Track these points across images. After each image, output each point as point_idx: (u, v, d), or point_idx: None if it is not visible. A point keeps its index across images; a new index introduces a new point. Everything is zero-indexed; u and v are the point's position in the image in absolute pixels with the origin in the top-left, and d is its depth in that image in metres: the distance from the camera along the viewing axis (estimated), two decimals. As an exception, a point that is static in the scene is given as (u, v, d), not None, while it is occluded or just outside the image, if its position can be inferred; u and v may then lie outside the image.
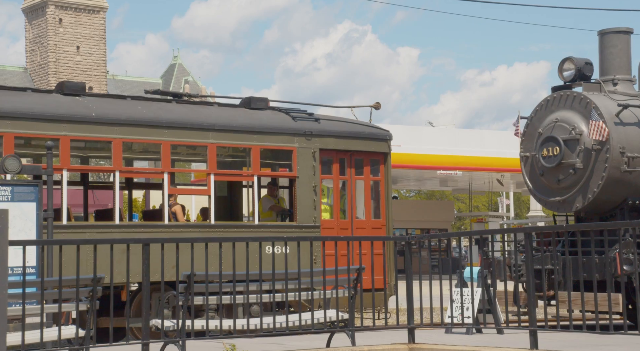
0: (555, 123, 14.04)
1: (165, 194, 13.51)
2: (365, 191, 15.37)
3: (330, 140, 14.85)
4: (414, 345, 9.86)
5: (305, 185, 14.53)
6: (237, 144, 14.40)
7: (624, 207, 13.77)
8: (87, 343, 8.29)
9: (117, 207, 13.29)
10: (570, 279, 9.77)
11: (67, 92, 13.45)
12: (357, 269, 9.80)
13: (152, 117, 13.56)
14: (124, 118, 13.30)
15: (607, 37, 14.57)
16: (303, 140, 14.55)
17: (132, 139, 13.50)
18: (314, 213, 14.53)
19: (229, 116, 14.42)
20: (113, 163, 13.21)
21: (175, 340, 8.75)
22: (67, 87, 13.54)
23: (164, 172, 13.60)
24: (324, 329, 9.81)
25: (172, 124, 13.60)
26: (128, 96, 14.30)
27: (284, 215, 15.27)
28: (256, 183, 14.57)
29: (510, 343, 9.65)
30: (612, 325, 8.49)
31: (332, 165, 15.02)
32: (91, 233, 12.79)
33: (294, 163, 14.53)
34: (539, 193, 14.48)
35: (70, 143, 12.79)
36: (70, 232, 12.66)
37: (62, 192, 12.76)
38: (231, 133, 14.12)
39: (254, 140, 14.27)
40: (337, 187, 15.23)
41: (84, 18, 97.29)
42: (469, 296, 10.51)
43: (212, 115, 14.25)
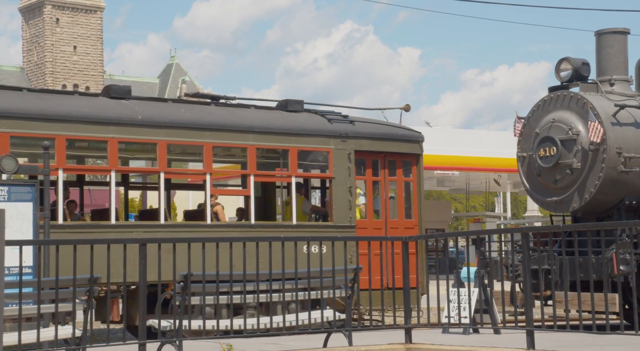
0: (552, 124, 14.06)
1: (207, 194, 13.78)
2: (397, 192, 15.77)
3: (364, 142, 15.20)
4: (411, 345, 9.86)
5: (341, 186, 14.87)
6: (276, 146, 14.73)
7: (621, 207, 13.79)
8: (83, 343, 8.29)
9: (163, 207, 13.59)
10: (567, 279, 9.78)
11: (114, 95, 13.80)
12: (354, 269, 9.80)
13: (194, 120, 13.87)
14: (168, 120, 13.63)
15: (604, 38, 14.59)
16: (339, 141, 14.93)
17: (176, 141, 13.79)
18: (349, 213, 14.87)
19: (267, 118, 14.74)
20: (158, 165, 13.57)
21: (172, 340, 8.74)
22: (113, 90, 13.88)
23: (206, 173, 13.90)
24: (321, 329, 9.81)
25: (213, 126, 13.92)
26: (169, 99, 14.67)
27: (319, 215, 15.66)
28: (294, 184, 14.89)
29: (507, 343, 9.65)
30: (608, 325, 8.50)
31: (366, 166, 15.38)
32: (138, 232, 13.10)
33: (330, 165, 14.90)
34: (536, 193, 14.49)
35: (117, 146, 13.11)
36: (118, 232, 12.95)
37: (111, 192, 13.19)
38: (270, 135, 14.47)
39: (291, 142, 14.61)
40: (370, 188, 15.57)
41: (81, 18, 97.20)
42: (466, 296, 10.52)
43: (251, 117, 14.58)
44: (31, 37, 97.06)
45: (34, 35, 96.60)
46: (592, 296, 8.70)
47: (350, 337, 9.63)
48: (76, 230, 12.71)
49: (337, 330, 9.79)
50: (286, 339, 10.31)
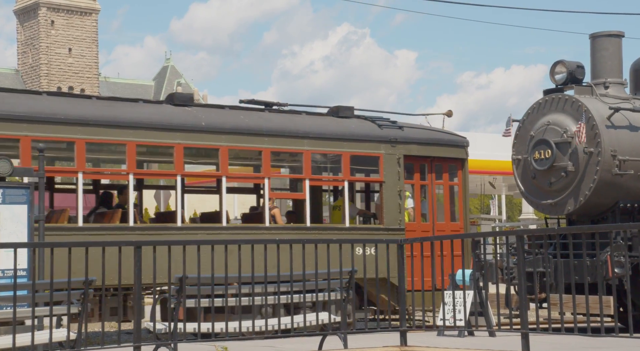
0: (547, 126, 14.08)
1: (265, 198, 14.36)
2: (444, 195, 16.22)
3: (413, 147, 15.66)
4: (406, 348, 9.86)
5: (391, 190, 15.33)
6: (330, 151, 15.26)
7: (615, 209, 13.81)
8: (78, 346, 8.27)
9: (224, 210, 14.15)
10: (561, 282, 9.81)
11: (177, 102, 14.35)
12: (350, 271, 9.80)
13: (254, 126, 14.43)
14: (229, 127, 14.15)
15: (598, 41, 14.62)
16: (388, 146, 15.40)
17: (237, 146, 14.30)
18: (399, 216, 15.32)
19: (321, 124, 15.31)
20: (220, 170, 14.08)
21: (167, 342, 8.73)
22: (177, 98, 14.46)
23: (264, 177, 14.45)
24: (316, 332, 9.81)
25: (271, 132, 14.48)
26: (226, 105, 15.22)
27: (366, 218, 16.25)
28: (347, 188, 15.33)
29: (502, 345, 9.66)
30: (603, 328, 8.51)
31: (414, 170, 15.85)
32: (202, 234, 13.62)
33: (381, 169, 15.35)
34: (530, 195, 14.51)
35: (183, 151, 13.66)
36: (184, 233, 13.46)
37: (177, 195, 13.83)
38: (324, 141, 15.01)
39: (344, 147, 15.11)
40: (418, 192, 16.06)
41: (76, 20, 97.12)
42: (461, 298, 10.52)
43: (307, 123, 15.16)
44: (26, 39, 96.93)
45: (29, 38, 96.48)
46: (587, 298, 8.71)
47: (345, 340, 9.63)
48: (146, 233, 13.25)
49: (332, 333, 9.78)
50: (282, 341, 10.30)
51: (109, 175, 16.32)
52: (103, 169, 16.05)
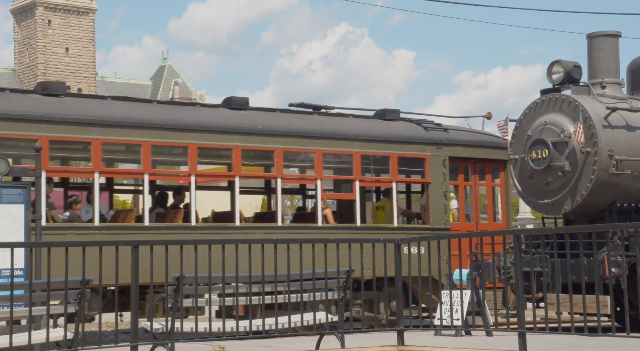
0: (544, 126, 14.09)
1: (318, 199, 15.02)
2: (487, 196, 16.81)
3: (457, 149, 16.26)
4: (403, 347, 9.86)
5: (437, 191, 15.90)
6: (379, 153, 15.86)
7: (612, 209, 13.82)
8: (75, 346, 8.25)
9: (280, 210, 14.78)
10: (558, 281, 9.82)
11: (234, 106, 14.96)
12: (347, 271, 9.79)
13: (307, 129, 15.06)
14: (284, 130, 14.81)
15: (595, 41, 14.62)
16: (434, 148, 16.02)
17: (291, 149, 14.93)
18: (445, 216, 15.88)
19: (370, 127, 15.89)
20: (276, 171, 14.71)
21: (164, 342, 8.72)
22: (234, 102, 15.05)
23: (317, 178, 15.07)
24: (313, 331, 9.81)
25: (323, 135, 15.13)
26: (277, 109, 15.82)
27: (410, 218, 16.79)
28: (394, 189, 15.89)
29: (499, 345, 9.66)
30: (600, 327, 8.51)
31: (458, 171, 16.39)
32: (259, 233, 14.15)
33: (427, 170, 15.93)
34: (527, 195, 14.51)
35: (241, 153, 14.27)
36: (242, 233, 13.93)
37: (235, 196, 14.36)
38: (373, 143, 15.62)
39: (392, 149, 15.73)
40: (462, 192, 16.55)
41: (73, 19, 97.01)
42: (458, 298, 10.52)
43: (356, 126, 15.74)
44: (23, 39, 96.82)
45: (26, 37, 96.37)
46: (584, 298, 8.72)
47: (342, 339, 9.63)
48: (207, 231, 13.77)
49: (329, 332, 9.78)
50: (279, 341, 10.30)
51: (173, 177, 16.91)
52: (166, 171, 16.67)
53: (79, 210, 14.07)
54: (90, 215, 13.56)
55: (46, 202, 12.82)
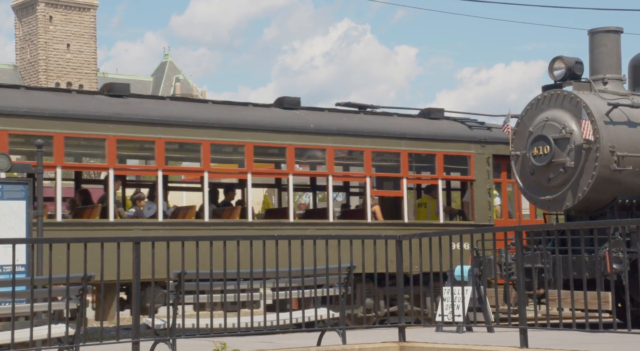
0: (545, 122, 14.07)
1: (367, 196, 15.62)
2: None
3: (500, 147, 16.63)
4: (405, 344, 9.87)
5: (481, 188, 16.46)
6: (425, 151, 16.34)
7: (614, 205, 13.82)
8: (77, 342, 8.26)
9: (331, 207, 15.37)
10: (560, 277, 9.79)
11: (286, 106, 15.56)
12: (348, 267, 9.79)
13: (356, 128, 15.68)
14: (335, 129, 15.44)
15: (597, 37, 14.60)
16: (478, 146, 16.58)
17: (341, 147, 15.56)
18: (489, 213, 16.44)
19: (416, 126, 16.47)
20: (327, 169, 15.34)
21: (166, 338, 8.73)
22: (286, 101, 15.67)
23: (366, 176, 15.69)
24: (315, 328, 9.81)
25: (372, 133, 15.71)
26: (325, 108, 16.39)
27: (452, 215, 17.35)
28: (440, 186, 16.40)
29: (500, 341, 9.67)
30: (601, 323, 8.51)
31: (501, 169, 16.89)
32: (312, 229, 14.59)
33: (471, 168, 16.48)
34: (529, 191, 14.51)
35: (295, 152, 14.94)
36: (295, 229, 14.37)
37: (289, 193, 15.01)
38: (419, 141, 16.15)
39: (438, 147, 16.24)
40: (505, 190, 17.07)
41: (75, 16, 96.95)
42: (460, 294, 10.53)
43: (403, 125, 16.31)
44: (24, 35, 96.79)
45: (27, 33, 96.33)
46: (585, 294, 8.72)
47: (344, 336, 9.63)
48: (263, 228, 14.39)
49: (330, 329, 9.79)
50: (280, 337, 10.31)
51: (231, 174, 17.46)
52: (224, 168, 17.25)
53: (143, 206, 14.67)
54: (152, 211, 14.20)
55: (114, 199, 13.59)
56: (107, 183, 13.68)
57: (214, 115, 14.43)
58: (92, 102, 13.92)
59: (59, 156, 13.13)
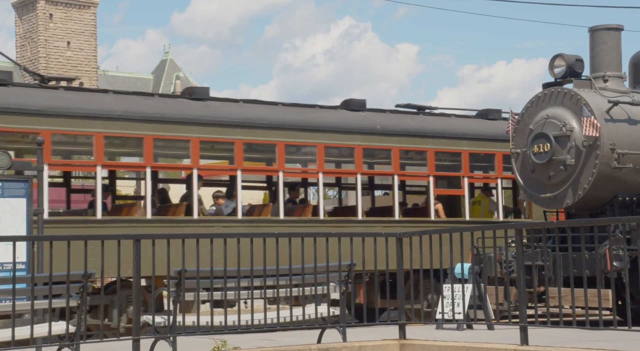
0: (546, 120, 14.07)
1: (430, 194, 16.27)
2: None
3: None
4: (405, 341, 9.87)
5: None
6: (485, 151, 17.04)
7: (614, 203, 13.81)
8: (77, 339, 8.27)
9: (397, 206, 16.02)
10: (560, 275, 9.81)
11: (353, 107, 16.22)
12: (348, 265, 9.79)
13: (419, 129, 16.31)
14: (400, 129, 16.09)
15: (597, 34, 14.59)
16: None
17: (407, 147, 16.27)
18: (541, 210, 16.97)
19: (476, 126, 17.13)
20: (393, 169, 16.02)
21: (166, 336, 8.73)
22: (352, 103, 16.29)
23: (429, 175, 16.37)
24: (315, 325, 9.82)
25: (435, 134, 16.40)
26: (387, 110, 16.89)
27: (507, 212, 17.83)
28: (499, 185, 17.01)
29: (500, 339, 9.67)
30: (602, 321, 8.52)
31: None
32: (379, 227, 15.10)
33: None
34: (529, 189, 14.51)
35: (362, 152, 15.62)
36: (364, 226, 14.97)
37: (357, 192, 15.66)
38: (479, 141, 16.85)
39: (496, 147, 16.80)
40: None
41: (75, 13, 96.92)
42: (460, 292, 10.54)
43: (463, 125, 17.00)
44: (24, 33, 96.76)
45: (28, 31, 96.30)
46: (586, 292, 8.72)
47: (344, 333, 9.63)
48: (334, 225, 14.92)
49: (331, 326, 9.79)
50: (280, 335, 10.32)
51: (304, 174, 18.21)
52: (297, 168, 17.90)
53: (222, 204, 15.32)
54: (230, 209, 14.94)
55: (197, 196, 14.24)
56: (191, 183, 14.41)
57: (287, 117, 15.17)
58: (177, 105, 14.69)
59: (148, 157, 14.02)
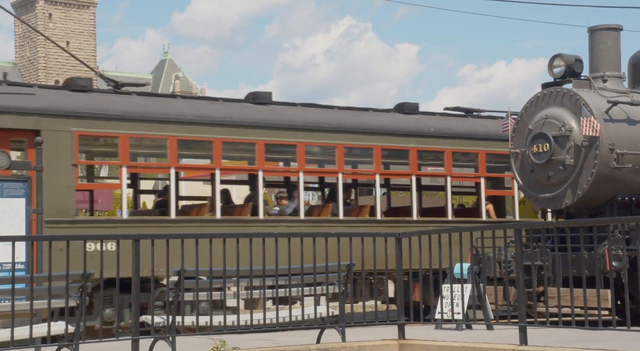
0: (545, 120, 14.07)
1: (482, 195, 16.89)
2: None
3: None
4: (404, 341, 9.88)
5: None
6: None
7: (613, 203, 13.82)
8: (76, 339, 8.27)
9: (450, 205, 16.62)
10: (559, 275, 9.81)
11: (407, 111, 16.81)
12: (347, 265, 9.79)
13: (470, 131, 16.93)
14: (453, 132, 16.72)
15: (596, 34, 14.59)
16: None
17: (459, 150, 16.83)
18: None
19: None
20: (446, 170, 16.59)
21: (165, 336, 8.73)
22: (406, 107, 16.87)
23: (481, 176, 17.00)
24: (314, 325, 9.82)
25: (486, 136, 16.97)
26: (437, 112, 17.56)
27: None
28: None
29: (499, 339, 9.67)
30: (600, 321, 8.52)
31: None
32: (432, 226, 15.34)
33: None
34: (528, 189, 14.51)
35: (416, 154, 16.13)
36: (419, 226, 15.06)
37: (412, 193, 16.14)
38: None
39: None
40: None
41: (74, 13, 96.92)
42: (459, 292, 10.54)
43: None
44: (24, 33, 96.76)
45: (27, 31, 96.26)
46: (585, 292, 8.72)
47: (343, 333, 9.64)
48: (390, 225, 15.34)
49: (330, 326, 9.79)
50: (280, 335, 10.32)
51: (362, 175, 18.58)
52: (355, 170, 18.17)
53: (285, 205, 15.93)
54: (291, 209, 15.63)
55: (262, 197, 14.93)
56: (256, 184, 15.06)
57: (346, 120, 15.82)
58: (243, 109, 15.28)
59: (217, 158, 14.67)
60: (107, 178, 27.00)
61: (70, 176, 13.21)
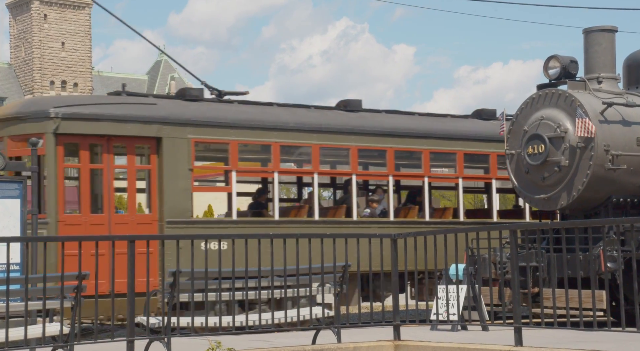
0: (540, 121, 14.09)
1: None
2: None
3: None
4: (400, 342, 9.88)
5: None
6: None
7: (608, 204, 13.84)
8: (71, 340, 8.25)
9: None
10: (554, 276, 9.82)
11: (485, 117, 17.67)
12: (343, 266, 9.79)
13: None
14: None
15: (592, 36, 14.62)
16: None
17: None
18: None
19: None
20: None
21: (161, 337, 8.72)
22: (484, 113, 17.79)
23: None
24: (309, 326, 9.81)
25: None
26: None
27: None
28: None
29: (495, 339, 9.68)
30: (596, 322, 8.53)
31: None
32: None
33: None
34: (524, 190, 14.53)
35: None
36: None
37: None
38: None
39: None
40: None
41: (69, 14, 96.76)
42: (454, 293, 10.54)
43: None
44: (19, 33, 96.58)
45: (22, 31, 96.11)
46: (580, 293, 8.73)
47: (339, 334, 9.64)
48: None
49: (325, 327, 9.79)
50: (275, 336, 10.31)
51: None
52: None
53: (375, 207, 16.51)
54: (378, 211, 16.33)
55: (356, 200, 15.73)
56: (350, 187, 15.84)
57: (431, 127, 16.63)
58: (337, 116, 16.12)
59: (315, 163, 15.51)
60: (218, 182, 27.64)
61: (187, 180, 14.13)
